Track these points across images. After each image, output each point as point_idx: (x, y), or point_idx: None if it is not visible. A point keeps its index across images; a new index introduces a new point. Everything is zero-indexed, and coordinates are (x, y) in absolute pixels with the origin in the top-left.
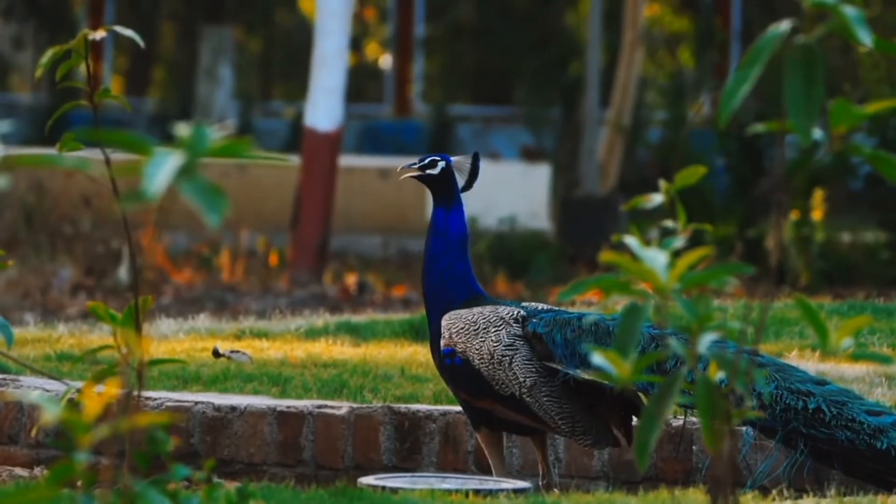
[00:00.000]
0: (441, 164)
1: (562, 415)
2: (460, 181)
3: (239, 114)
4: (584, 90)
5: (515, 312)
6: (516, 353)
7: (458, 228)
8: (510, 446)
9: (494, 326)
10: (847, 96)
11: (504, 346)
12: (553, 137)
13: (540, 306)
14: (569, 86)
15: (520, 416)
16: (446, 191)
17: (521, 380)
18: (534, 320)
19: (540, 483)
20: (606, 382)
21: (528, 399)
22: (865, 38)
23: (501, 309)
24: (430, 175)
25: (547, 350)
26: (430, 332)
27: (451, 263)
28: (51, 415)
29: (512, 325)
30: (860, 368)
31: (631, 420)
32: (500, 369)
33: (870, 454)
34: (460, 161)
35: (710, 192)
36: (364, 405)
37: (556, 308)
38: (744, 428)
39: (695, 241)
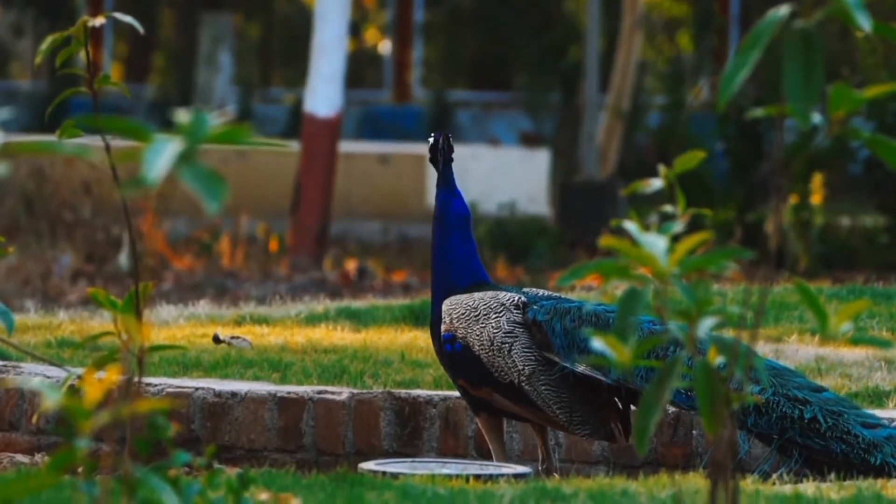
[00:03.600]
0: (430, 139)
1: (560, 404)
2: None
3: (238, 100)
4: (584, 75)
5: (516, 299)
6: (516, 341)
7: (454, 210)
8: (510, 431)
9: (495, 313)
10: (846, 81)
11: (504, 332)
12: (552, 123)
13: (541, 292)
14: (568, 71)
15: (518, 407)
16: (437, 169)
17: (520, 367)
18: (534, 307)
19: (540, 468)
20: (604, 379)
21: (526, 387)
22: (864, 23)
23: (502, 295)
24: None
25: (546, 339)
26: (431, 316)
27: (452, 247)
28: (51, 401)
29: (512, 312)
30: (859, 352)
31: (629, 414)
32: (499, 356)
33: (863, 469)
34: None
35: (709, 177)
36: (364, 391)
37: (558, 295)
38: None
39: (694, 226)
